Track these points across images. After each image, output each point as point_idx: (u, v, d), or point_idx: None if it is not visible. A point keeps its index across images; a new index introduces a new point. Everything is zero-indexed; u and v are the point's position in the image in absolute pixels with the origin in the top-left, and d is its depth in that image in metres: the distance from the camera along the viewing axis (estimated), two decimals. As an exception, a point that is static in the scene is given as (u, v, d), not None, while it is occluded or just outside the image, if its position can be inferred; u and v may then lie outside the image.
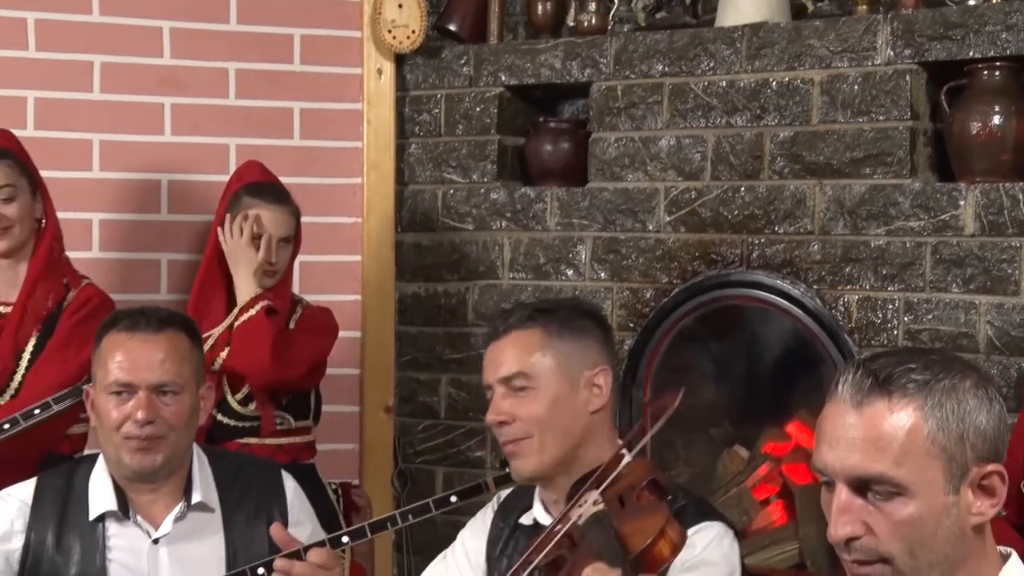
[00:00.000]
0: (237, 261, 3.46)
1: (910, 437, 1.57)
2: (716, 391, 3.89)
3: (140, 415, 2.57)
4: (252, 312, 3.41)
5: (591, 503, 2.14)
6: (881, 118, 3.41)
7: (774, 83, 3.58)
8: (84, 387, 2.82)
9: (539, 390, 2.32)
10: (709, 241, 3.69)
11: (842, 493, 1.60)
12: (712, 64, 3.67)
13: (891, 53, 3.39)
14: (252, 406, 3.48)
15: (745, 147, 3.62)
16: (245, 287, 3.44)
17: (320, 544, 2.66)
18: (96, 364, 2.66)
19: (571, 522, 2.13)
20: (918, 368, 1.59)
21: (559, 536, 2.12)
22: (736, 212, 3.64)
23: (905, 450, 1.56)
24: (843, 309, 3.47)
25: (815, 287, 3.52)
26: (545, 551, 2.12)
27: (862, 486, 1.58)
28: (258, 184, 3.57)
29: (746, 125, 3.62)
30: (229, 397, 3.48)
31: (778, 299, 3.57)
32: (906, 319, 3.38)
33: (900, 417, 1.57)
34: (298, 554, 2.57)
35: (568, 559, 2.10)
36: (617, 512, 2.13)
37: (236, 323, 3.41)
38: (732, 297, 3.68)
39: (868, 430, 1.58)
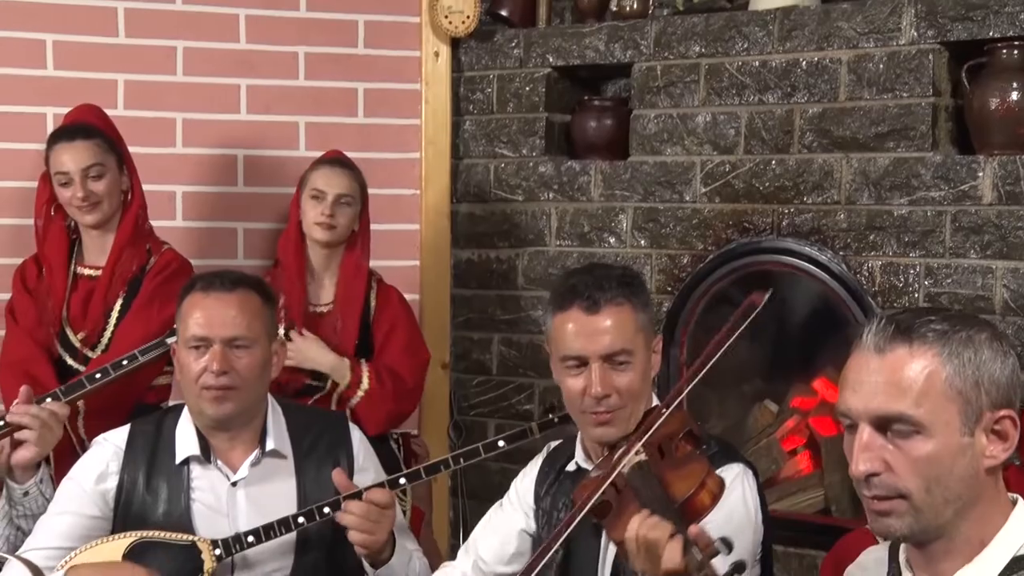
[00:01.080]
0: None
1: (929, 380, 1.58)
2: (748, 350, 3.85)
3: (215, 366, 2.60)
4: (362, 390, 3.42)
5: (633, 453, 2.14)
6: (905, 95, 3.37)
7: (804, 63, 3.53)
8: (169, 342, 2.85)
9: (634, 364, 2.32)
10: (742, 211, 3.66)
11: (864, 432, 1.61)
12: (746, 45, 3.63)
13: (915, 34, 3.34)
14: None
15: (776, 123, 3.59)
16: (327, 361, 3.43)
17: (379, 485, 2.69)
18: (178, 322, 2.69)
19: (616, 471, 2.12)
20: (937, 320, 1.62)
21: (605, 483, 2.11)
22: (768, 184, 3.60)
23: (924, 392, 1.58)
24: (867, 274, 3.44)
25: (841, 253, 3.48)
26: (593, 497, 2.12)
27: (883, 425, 1.60)
28: (327, 158, 3.58)
29: (777, 102, 3.59)
30: None
31: (806, 264, 3.54)
32: (926, 283, 3.34)
33: (920, 362, 1.59)
34: (359, 495, 2.59)
35: (613, 504, 2.10)
36: (657, 461, 2.13)
37: (349, 400, 3.42)
38: (763, 263, 3.65)
39: (891, 373, 1.59)
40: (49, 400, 2.92)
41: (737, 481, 2.27)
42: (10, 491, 2.82)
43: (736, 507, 2.23)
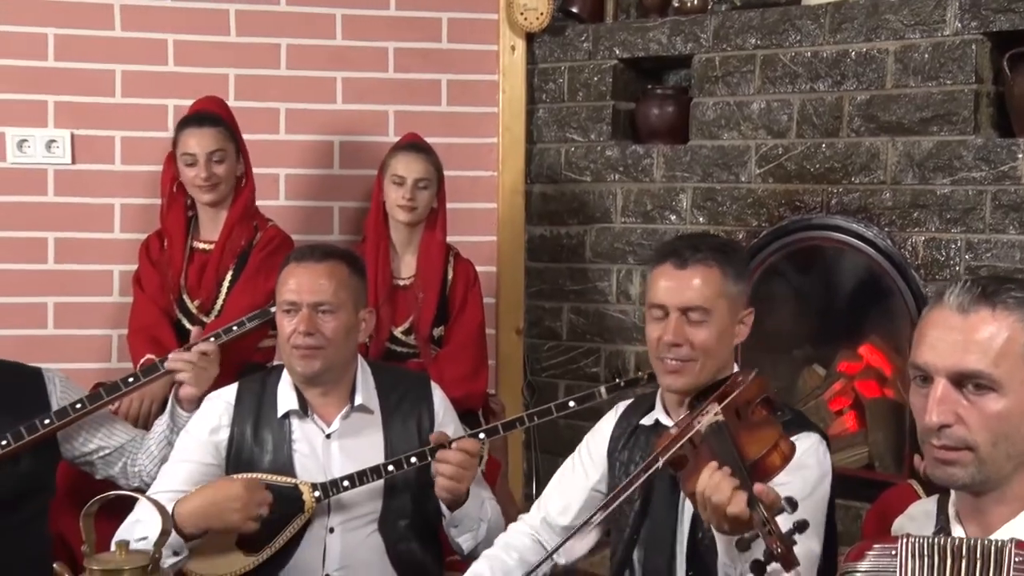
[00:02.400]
0: None
1: (1009, 343, 1.57)
2: (798, 318, 3.82)
3: (302, 327, 2.63)
4: None
5: (712, 414, 2.11)
6: (948, 82, 3.29)
7: (853, 53, 3.47)
8: (272, 310, 2.87)
9: (711, 323, 2.29)
10: (794, 190, 3.61)
11: (940, 386, 1.59)
12: (799, 38, 3.58)
13: (959, 25, 3.27)
14: (411, 337, 3.51)
15: (826, 109, 3.53)
16: None
17: (491, 430, 2.73)
18: (277, 289, 2.72)
19: (694, 429, 2.10)
20: (1017, 289, 1.60)
21: (683, 439, 2.09)
22: (818, 165, 3.55)
23: (1003, 352, 1.57)
24: (911, 248, 3.38)
25: (886, 229, 3.42)
26: (671, 448, 2.10)
27: (960, 381, 1.58)
28: (405, 143, 3.59)
29: (828, 90, 3.53)
30: (395, 330, 3.50)
31: (853, 240, 3.49)
32: (967, 257, 3.27)
33: (1001, 325, 1.57)
34: (449, 444, 2.60)
35: (690, 458, 2.08)
36: (734, 423, 2.10)
37: None
38: (813, 238, 3.60)
39: (972, 332, 1.58)
40: (201, 342, 2.97)
41: (812, 449, 2.23)
42: (176, 418, 2.89)
43: (812, 469, 2.20)
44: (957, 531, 1.69)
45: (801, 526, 1.80)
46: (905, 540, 1.60)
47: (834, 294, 3.76)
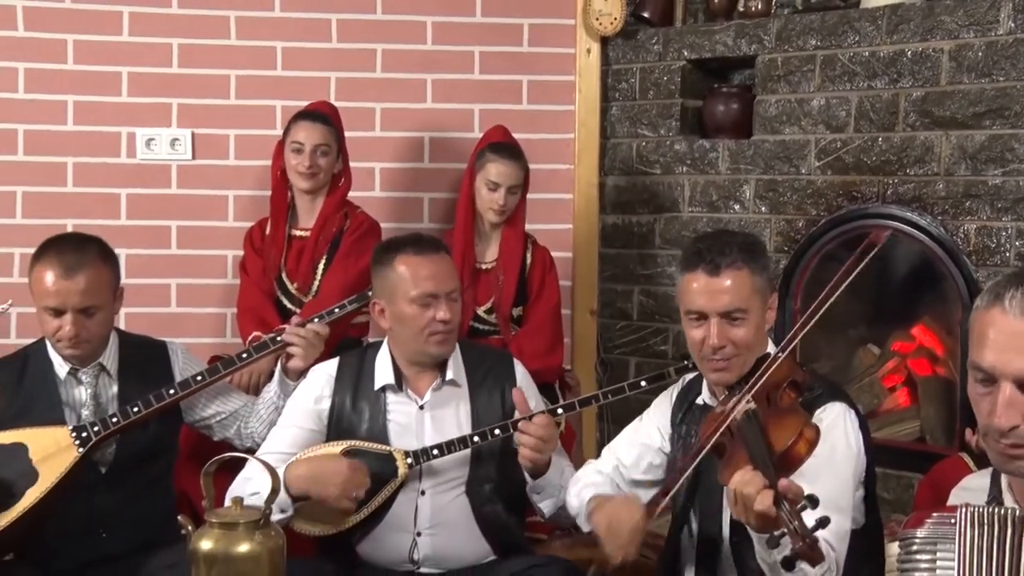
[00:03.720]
0: None
1: None
2: (854, 301, 3.74)
3: (448, 315, 2.64)
4: None
5: (745, 401, 2.11)
6: (1001, 79, 3.21)
7: (909, 52, 3.39)
8: (369, 293, 2.88)
9: (748, 321, 2.27)
10: (851, 182, 3.55)
11: (1007, 390, 1.54)
12: (857, 39, 3.51)
13: (1012, 24, 3.19)
14: (493, 316, 3.52)
15: (883, 105, 3.46)
16: None
17: (568, 406, 2.74)
18: (396, 280, 2.68)
19: (729, 419, 2.10)
20: None
21: (722, 428, 2.10)
22: (874, 158, 3.48)
23: None
24: (963, 235, 3.30)
25: (939, 218, 3.35)
26: (712, 438, 2.11)
27: None
28: (498, 144, 3.58)
29: (884, 87, 3.46)
30: (478, 310, 3.51)
31: (908, 228, 3.42)
32: (1017, 244, 3.20)
33: None
34: (529, 418, 2.61)
35: (728, 446, 2.09)
36: (764, 409, 2.10)
37: None
38: (869, 226, 3.52)
39: None
40: (315, 320, 3.00)
41: (839, 418, 2.20)
42: (283, 386, 2.93)
43: (837, 444, 2.17)
44: (1008, 502, 1.65)
45: (823, 522, 1.78)
46: (964, 509, 1.58)
47: (888, 279, 3.70)
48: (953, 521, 1.58)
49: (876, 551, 2.26)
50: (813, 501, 1.82)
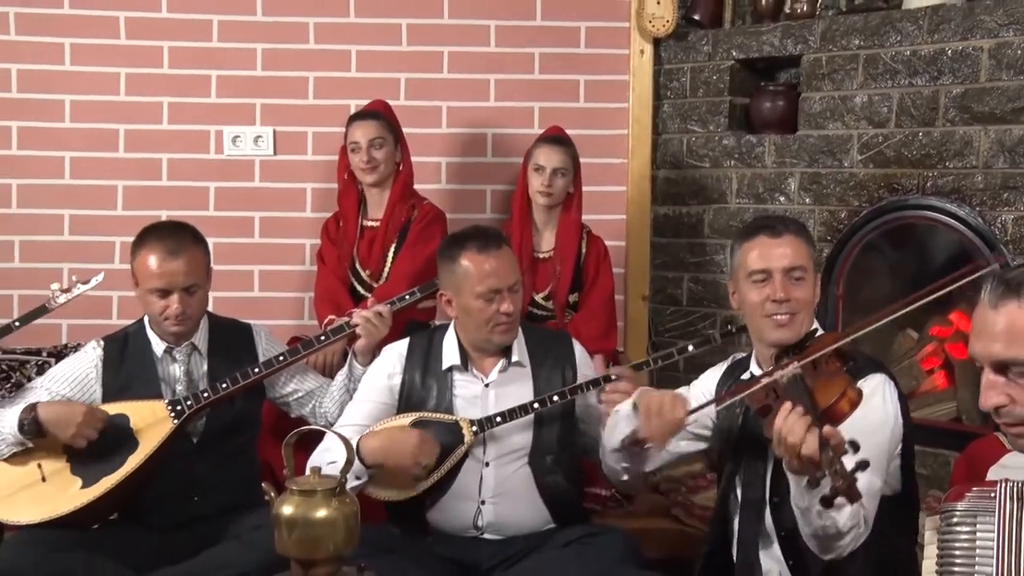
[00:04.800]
0: None
1: None
2: (893, 287, 3.70)
3: (511, 308, 2.65)
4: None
5: (792, 367, 2.11)
6: (1040, 75, 3.13)
7: (949, 51, 3.32)
8: (436, 282, 2.87)
9: (807, 280, 2.31)
10: (892, 174, 3.49)
11: (988, 374, 1.57)
12: (899, 38, 3.44)
13: (1050, 24, 3.10)
14: (549, 302, 3.52)
15: (924, 102, 3.39)
16: None
17: (594, 382, 2.73)
18: (462, 275, 2.68)
19: (774, 378, 2.11)
20: None
21: (767, 387, 2.09)
22: (915, 152, 3.42)
23: None
24: (1001, 225, 3.23)
25: (978, 208, 3.28)
26: (754, 391, 2.13)
27: (1003, 368, 1.55)
28: (546, 135, 3.58)
29: (925, 84, 3.39)
30: (536, 296, 3.52)
31: (946, 218, 3.36)
32: (1053, 233, 3.12)
33: None
34: (607, 378, 2.62)
35: (773, 407, 2.07)
36: (810, 374, 2.11)
37: None
38: (909, 217, 3.48)
39: (1003, 325, 1.54)
40: (380, 305, 3.02)
41: (878, 387, 2.21)
42: (353, 370, 2.95)
43: (875, 408, 2.17)
44: None
45: (862, 464, 1.79)
46: (1004, 484, 1.57)
47: (927, 266, 3.63)
48: (993, 495, 1.57)
49: (912, 522, 2.25)
50: (854, 446, 1.82)
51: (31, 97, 3.89)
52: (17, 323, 2.82)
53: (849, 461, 1.80)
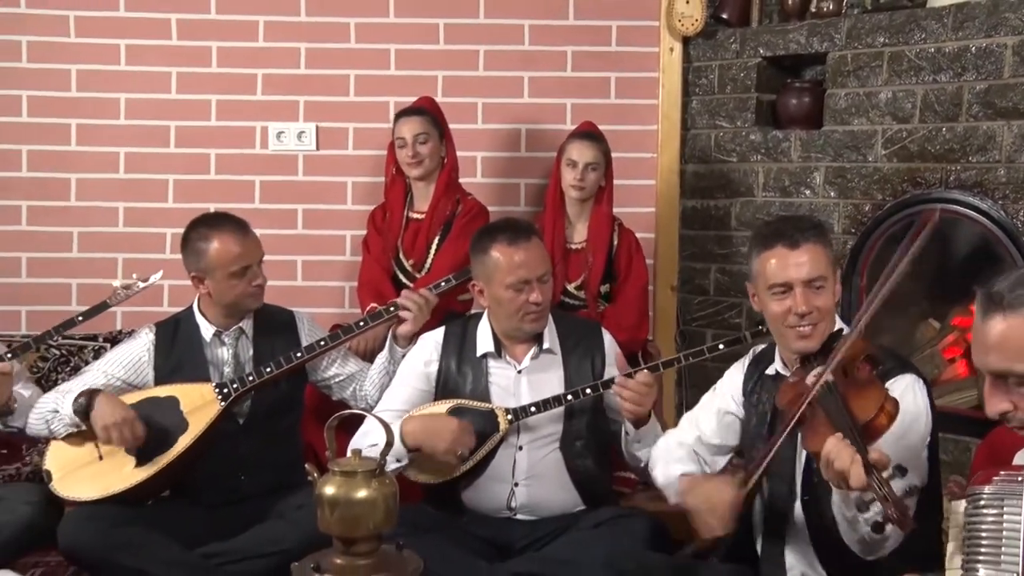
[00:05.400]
0: None
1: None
2: (917, 279, 3.65)
3: (540, 298, 2.64)
4: None
5: (826, 372, 2.05)
6: (1063, 72, 3.07)
7: (973, 48, 3.27)
8: (472, 277, 2.86)
9: (827, 288, 2.24)
10: (915, 168, 3.44)
11: (989, 382, 1.57)
12: (923, 36, 3.39)
13: (1074, 21, 3.04)
14: (581, 292, 3.51)
15: (947, 97, 3.34)
16: None
17: (627, 376, 2.69)
18: (492, 267, 2.67)
19: (809, 390, 2.05)
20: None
21: (803, 405, 2.04)
22: (938, 147, 3.37)
23: (1022, 347, 1.50)
24: (1023, 219, 3.17)
25: (1000, 202, 3.23)
26: (796, 413, 2.05)
27: (1000, 376, 1.54)
28: (579, 131, 3.57)
29: (949, 81, 3.34)
30: (568, 286, 3.51)
31: (969, 211, 3.31)
32: (1074, 226, 3.06)
33: (1012, 325, 1.51)
34: (630, 375, 2.60)
35: (809, 417, 2.03)
36: (842, 381, 2.04)
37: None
38: (932, 210, 3.40)
39: (994, 338, 1.53)
40: (423, 289, 3.03)
41: (909, 387, 2.16)
42: (393, 352, 2.96)
43: (908, 408, 2.12)
44: None
45: (912, 491, 1.76)
46: None
47: (950, 259, 3.58)
48: (1020, 479, 1.56)
49: (935, 506, 2.22)
50: (902, 471, 1.77)
51: (88, 96, 3.94)
52: (80, 318, 2.86)
53: (898, 485, 1.76)
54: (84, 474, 2.72)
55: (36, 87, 3.92)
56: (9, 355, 2.77)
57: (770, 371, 2.38)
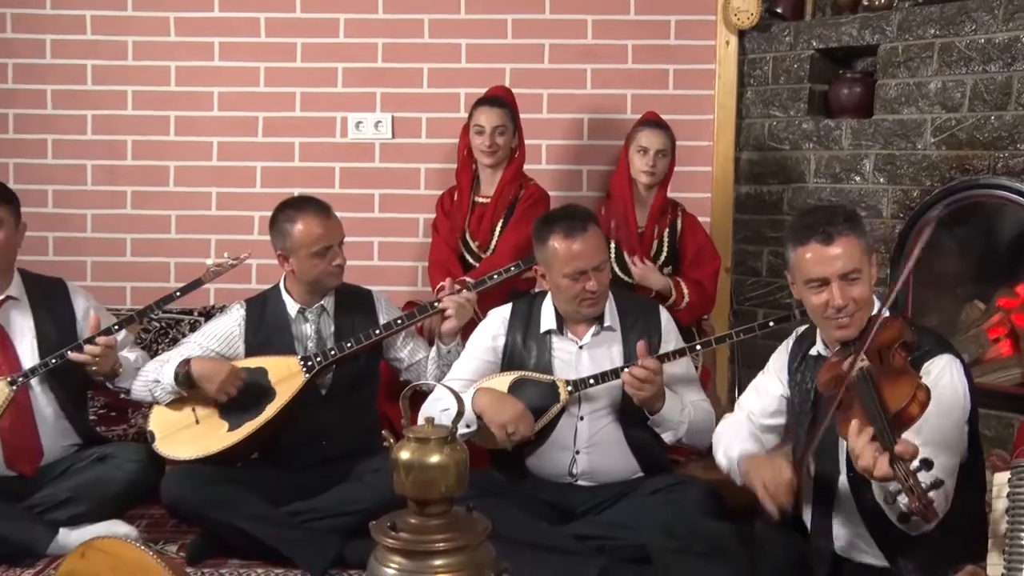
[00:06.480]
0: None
1: None
2: (963, 261, 3.56)
3: (595, 286, 2.63)
4: (684, 303, 3.36)
5: (860, 361, 2.01)
6: (1112, 62, 2.95)
7: (1023, 38, 3.15)
8: (534, 262, 2.86)
9: (863, 279, 2.19)
10: (964, 156, 3.35)
11: None
12: (974, 27, 3.28)
13: (1125, 12, 2.91)
14: None
15: (996, 87, 3.24)
16: (661, 283, 3.36)
17: (680, 351, 2.66)
18: (551, 255, 2.67)
19: (846, 376, 2.02)
20: None
21: (842, 390, 2.01)
22: (986, 135, 3.27)
23: None
24: (1069, 205, 3.07)
25: (1047, 188, 3.12)
26: (835, 401, 2.02)
27: None
28: (645, 120, 3.53)
29: (998, 71, 3.23)
30: (617, 270, 3.49)
31: (1016, 196, 3.21)
32: (1121, 213, 2.95)
33: None
34: (681, 351, 2.58)
35: (844, 400, 2.01)
36: (877, 367, 2.00)
37: (677, 307, 3.33)
38: (978, 196, 3.32)
39: None
40: (463, 291, 3.03)
41: (946, 368, 2.10)
42: (439, 349, 2.98)
43: (945, 389, 2.07)
44: None
45: (936, 484, 1.70)
46: None
47: (995, 242, 3.48)
48: None
49: (977, 479, 2.17)
50: (928, 464, 1.74)
51: (186, 90, 4.02)
52: (178, 293, 2.94)
53: (925, 478, 1.72)
54: (183, 436, 2.80)
55: (140, 83, 4.01)
56: (116, 327, 2.86)
57: (813, 352, 2.35)
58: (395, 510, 1.88)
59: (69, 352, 2.78)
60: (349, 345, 2.84)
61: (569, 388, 2.65)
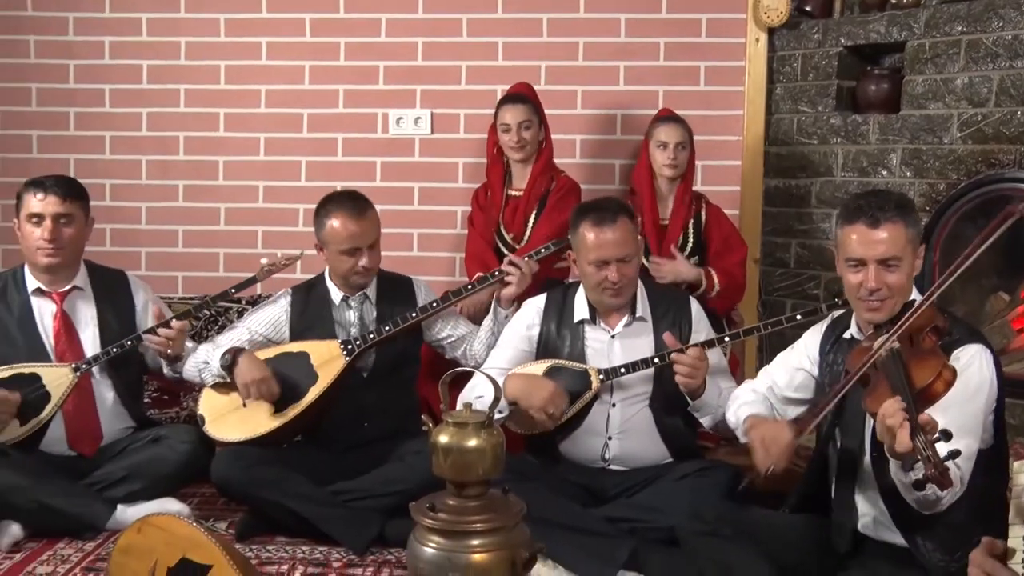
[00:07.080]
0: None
1: None
2: (987, 253, 3.42)
3: (616, 277, 2.62)
4: (715, 292, 3.32)
5: (890, 342, 2.01)
6: None
7: (1051, 35, 3.09)
8: (568, 239, 2.87)
9: (902, 267, 2.17)
10: (989, 150, 3.29)
11: None
12: (1001, 24, 3.22)
13: None
14: None
15: (1023, 83, 3.16)
16: (692, 273, 3.32)
17: (709, 343, 2.65)
18: (580, 243, 2.67)
19: (875, 354, 2.02)
20: None
21: (867, 364, 2.02)
22: (1012, 129, 3.22)
23: None
24: (1096, 199, 3.00)
25: (1074, 183, 3.06)
26: (860, 371, 2.03)
27: None
28: (661, 116, 3.51)
29: (1026, 67, 3.17)
30: (645, 262, 3.47)
31: (1042, 190, 3.14)
32: None
33: None
34: (680, 351, 2.57)
35: (872, 378, 2.01)
36: (907, 348, 2.00)
37: (708, 295, 3.30)
38: (1004, 189, 3.26)
39: None
40: (527, 257, 3.05)
41: (975, 357, 2.08)
42: (497, 314, 3.00)
43: (972, 376, 2.06)
44: None
45: (954, 454, 1.71)
46: None
47: (1020, 235, 3.41)
48: None
49: (1001, 466, 2.15)
50: (947, 435, 1.74)
51: (234, 88, 4.06)
52: (233, 290, 2.99)
53: (942, 449, 1.73)
54: (231, 419, 2.84)
55: (192, 81, 4.06)
56: (179, 318, 2.91)
57: (846, 335, 2.34)
58: (434, 491, 1.89)
59: (143, 336, 2.84)
60: (388, 328, 2.86)
61: (601, 376, 2.66)
